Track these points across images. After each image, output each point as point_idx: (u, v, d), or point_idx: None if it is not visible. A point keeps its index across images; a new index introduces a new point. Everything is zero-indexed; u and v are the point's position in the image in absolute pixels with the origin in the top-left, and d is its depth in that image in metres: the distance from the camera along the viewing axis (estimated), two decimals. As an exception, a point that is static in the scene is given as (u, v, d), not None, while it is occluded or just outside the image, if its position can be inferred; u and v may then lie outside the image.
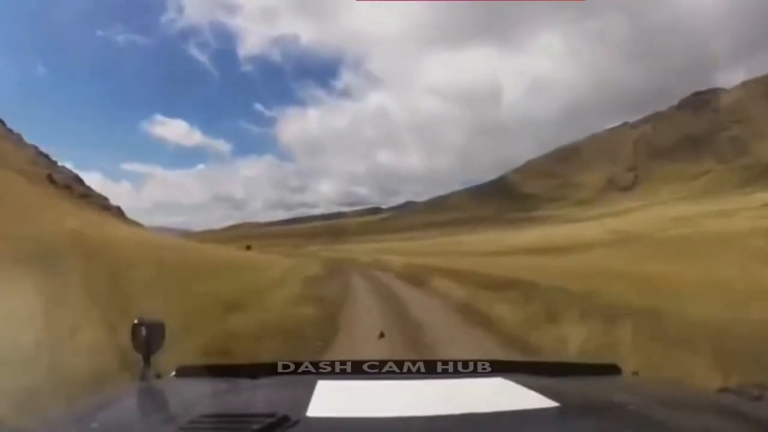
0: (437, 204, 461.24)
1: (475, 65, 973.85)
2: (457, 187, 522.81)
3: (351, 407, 1.58)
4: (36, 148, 70.87)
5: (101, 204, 64.43)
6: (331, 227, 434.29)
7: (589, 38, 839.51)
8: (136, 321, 2.12)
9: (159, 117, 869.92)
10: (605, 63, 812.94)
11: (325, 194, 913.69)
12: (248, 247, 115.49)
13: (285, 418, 1.28)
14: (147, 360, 2.08)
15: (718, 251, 26.89)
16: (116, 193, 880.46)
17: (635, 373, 2.46)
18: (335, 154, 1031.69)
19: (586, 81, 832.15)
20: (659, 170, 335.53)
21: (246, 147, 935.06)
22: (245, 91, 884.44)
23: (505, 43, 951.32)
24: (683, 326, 7.68)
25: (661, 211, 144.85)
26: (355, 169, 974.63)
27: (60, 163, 72.04)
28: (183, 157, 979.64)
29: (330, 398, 1.65)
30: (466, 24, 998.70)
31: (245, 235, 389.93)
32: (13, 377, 4.06)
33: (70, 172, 71.47)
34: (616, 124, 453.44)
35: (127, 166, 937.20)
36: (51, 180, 58.91)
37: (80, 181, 71.31)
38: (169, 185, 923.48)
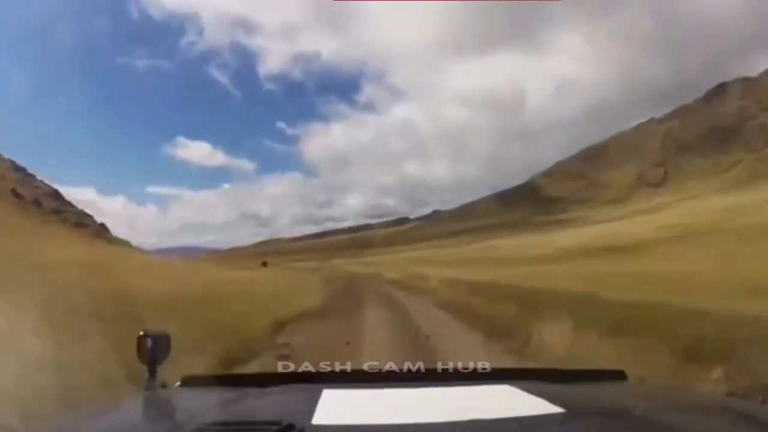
0: (465, 211, 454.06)
1: (499, 71, 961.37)
2: (485, 193, 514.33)
3: (356, 415, 1.60)
4: (13, 162, 65.92)
5: (74, 221, 58.90)
6: (358, 239, 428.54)
7: (610, 35, 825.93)
8: (141, 332, 2.14)
9: (181, 139, 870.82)
10: (628, 59, 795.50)
11: (352, 207, 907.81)
12: (264, 264, 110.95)
13: (290, 427, 1.31)
14: (152, 370, 2.09)
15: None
16: (142, 216, 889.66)
17: (642, 379, 2.63)
18: (361, 167, 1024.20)
19: (610, 79, 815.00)
20: (688, 164, 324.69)
21: (270, 165, 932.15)
22: (267, 109, 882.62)
23: (527, 46, 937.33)
24: None
25: (700, 204, 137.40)
26: (381, 181, 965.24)
27: (48, 180, 67.40)
28: (207, 177, 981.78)
29: (335, 406, 1.66)
30: (487, 30, 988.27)
31: (272, 251, 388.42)
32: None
33: (49, 187, 66.37)
34: (643, 120, 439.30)
35: (152, 189, 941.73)
36: (15, 194, 54.46)
37: (58, 196, 66.03)
38: (195, 206, 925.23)
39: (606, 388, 2.12)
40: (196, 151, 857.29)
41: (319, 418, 1.45)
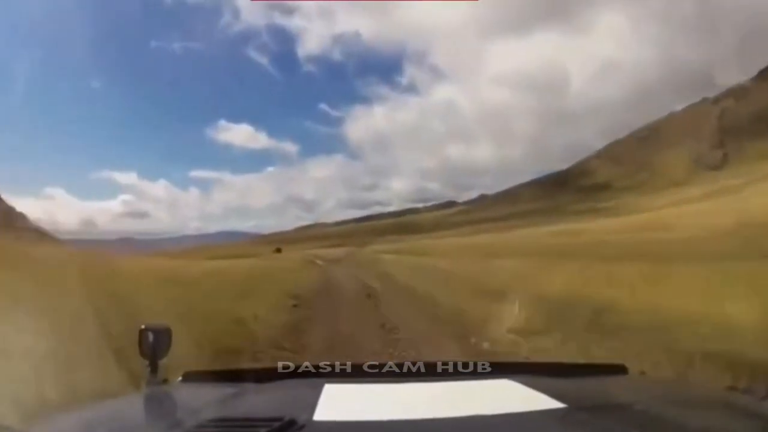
0: (512, 195, 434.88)
1: (540, 51, 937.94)
2: (529, 177, 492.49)
3: (358, 410, 1.59)
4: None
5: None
6: (402, 223, 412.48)
7: (651, 15, 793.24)
8: (143, 326, 2.11)
9: (223, 122, 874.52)
10: (672, 39, 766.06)
11: (397, 191, 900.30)
12: (278, 250, 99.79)
13: (292, 422, 1.31)
14: (154, 366, 2.07)
15: None
16: (185, 200, 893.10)
17: (642, 373, 2.71)
18: (405, 150, 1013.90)
19: (653, 59, 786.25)
20: (749, 145, 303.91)
21: (314, 147, 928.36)
22: (309, 91, 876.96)
23: (568, 26, 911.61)
24: None
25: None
26: (425, 165, 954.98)
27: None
28: (251, 160, 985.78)
29: (337, 401, 1.66)
30: (528, 10, 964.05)
31: (315, 235, 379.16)
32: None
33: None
34: (695, 100, 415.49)
35: (194, 173, 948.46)
36: None
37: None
38: (239, 190, 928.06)
39: (607, 383, 2.10)
40: (239, 134, 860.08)
41: (320, 414, 1.44)
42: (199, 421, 1.38)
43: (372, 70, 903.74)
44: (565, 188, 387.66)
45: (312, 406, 1.50)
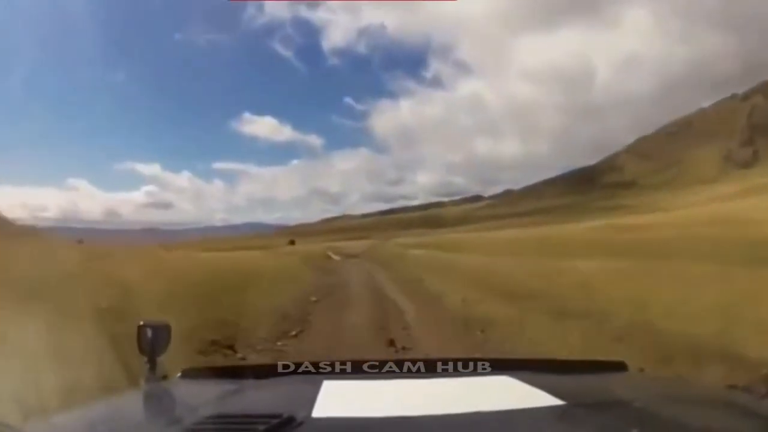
0: (538, 190, 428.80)
1: (566, 45, 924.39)
2: (556, 172, 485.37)
3: (357, 407, 1.58)
4: None
5: None
6: (428, 216, 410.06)
7: (680, 9, 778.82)
8: (141, 323, 2.10)
9: (247, 115, 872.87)
10: (699, 35, 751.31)
11: (422, 185, 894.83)
12: (292, 242, 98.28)
13: (291, 419, 1.30)
14: (152, 362, 2.06)
15: None
16: (209, 192, 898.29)
17: (641, 370, 2.76)
18: (430, 144, 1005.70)
19: (680, 54, 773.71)
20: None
21: (339, 141, 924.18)
22: (333, 84, 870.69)
23: (595, 20, 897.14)
24: None
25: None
26: (451, 159, 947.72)
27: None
28: (275, 153, 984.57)
29: (335, 398, 1.65)
30: (554, 3, 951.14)
31: (339, 227, 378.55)
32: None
33: None
34: (724, 96, 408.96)
35: (218, 165, 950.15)
36: None
37: None
38: (264, 182, 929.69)
39: (606, 380, 2.09)
40: (263, 127, 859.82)
41: (319, 411, 1.44)
42: (198, 417, 1.38)
43: (397, 63, 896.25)
44: (592, 184, 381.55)
45: (311, 403, 1.49)
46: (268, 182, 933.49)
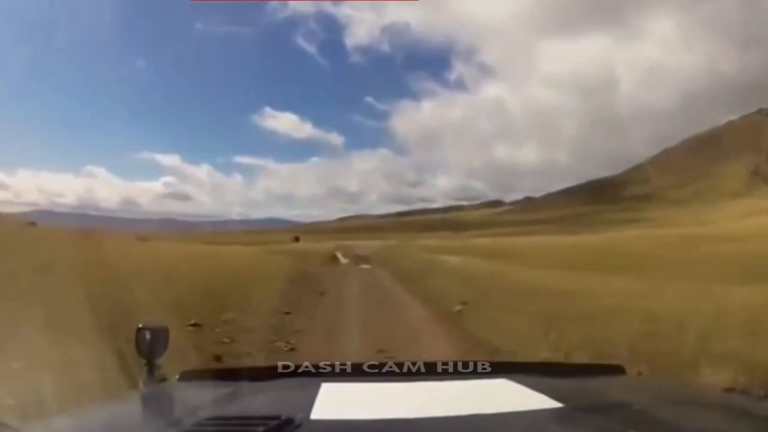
0: (558, 198, 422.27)
1: (590, 54, 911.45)
2: (576, 182, 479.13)
3: (356, 409, 1.58)
4: None
5: None
6: (449, 219, 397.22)
7: (705, 22, 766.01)
8: (140, 326, 2.10)
9: (268, 110, 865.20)
10: (722, 48, 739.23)
11: (441, 188, 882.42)
12: (296, 239, 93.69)
13: (289, 421, 1.30)
14: (151, 364, 2.06)
15: None
16: (228, 185, 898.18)
17: (639, 374, 2.78)
18: (450, 147, 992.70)
19: (703, 67, 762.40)
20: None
21: (359, 140, 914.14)
22: (355, 83, 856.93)
23: (620, 30, 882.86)
24: None
25: None
26: (470, 163, 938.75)
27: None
28: (295, 150, 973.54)
29: (334, 400, 1.65)
30: (580, 11, 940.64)
31: (357, 226, 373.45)
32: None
33: None
34: (746, 112, 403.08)
35: (238, 159, 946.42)
36: None
37: None
38: (283, 178, 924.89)
39: (604, 383, 2.09)
40: (284, 122, 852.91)
41: (317, 413, 1.44)
42: (197, 419, 1.38)
43: (420, 64, 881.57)
44: (615, 195, 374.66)
45: (309, 405, 1.48)
46: (286, 179, 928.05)
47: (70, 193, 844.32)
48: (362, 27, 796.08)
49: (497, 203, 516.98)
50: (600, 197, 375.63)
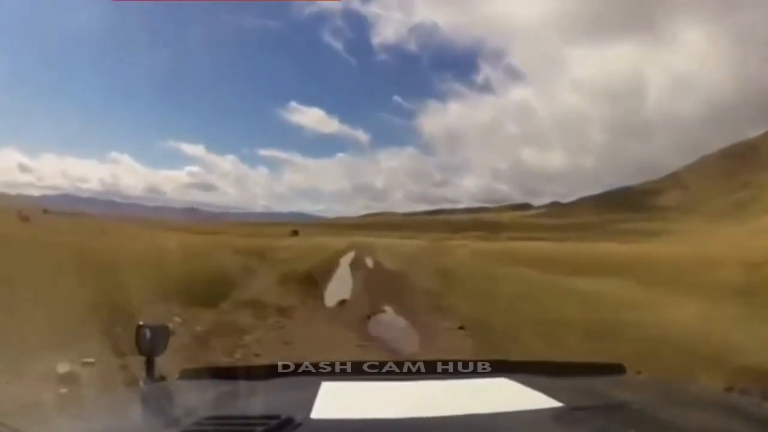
0: (588, 204, 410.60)
1: (618, 60, 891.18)
2: (601, 189, 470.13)
3: (356, 408, 1.58)
4: None
5: None
6: (480, 220, 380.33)
7: (737, 33, 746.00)
8: (140, 323, 2.08)
9: (294, 104, 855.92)
10: (752, 59, 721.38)
11: (467, 190, 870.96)
12: (295, 233, 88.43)
13: (289, 420, 1.30)
14: (151, 363, 2.03)
15: None
16: (253, 178, 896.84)
17: (639, 373, 2.61)
18: (477, 149, 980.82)
19: (728, 80, 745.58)
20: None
21: (386, 138, 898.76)
22: (382, 81, 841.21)
23: (649, 38, 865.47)
24: None
25: None
26: (497, 166, 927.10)
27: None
28: (321, 145, 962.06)
29: (334, 400, 1.65)
30: (608, 16, 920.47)
31: (383, 223, 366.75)
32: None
33: None
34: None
35: (263, 152, 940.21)
36: None
37: None
38: (309, 172, 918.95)
39: (604, 382, 2.07)
40: (310, 117, 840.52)
41: (317, 412, 1.44)
42: (197, 418, 1.37)
43: (448, 65, 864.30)
44: (645, 203, 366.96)
45: (309, 404, 1.48)
46: (312, 173, 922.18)
47: (94, 179, 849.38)
48: (390, 26, 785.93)
49: (526, 206, 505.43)
50: (628, 205, 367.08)
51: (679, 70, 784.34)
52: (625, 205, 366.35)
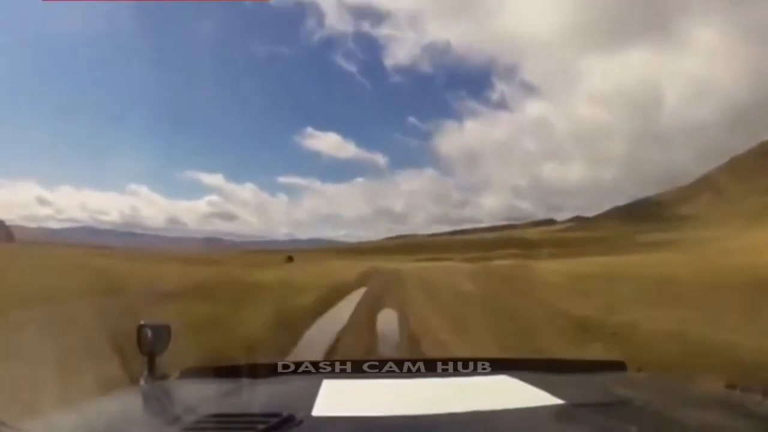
0: (613, 216, 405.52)
1: (634, 69, 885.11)
2: (625, 200, 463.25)
3: (357, 406, 1.60)
4: None
5: None
6: (507, 237, 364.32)
7: (745, 35, 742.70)
8: (141, 322, 2.09)
9: (310, 130, 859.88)
10: (764, 63, 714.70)
11: (488, 209, 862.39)
12: (290, 258, 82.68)
13: (290, 418, 1.31)
14: (152, 361, 2.06)
15: None
16: (273, 205, 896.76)
17: (640, 370, 2.52)
18: (495, 167, 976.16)
19: (745, 83, 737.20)
20: None
21: (403, 160, 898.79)
22: (397, 103, 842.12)
23: (663, 44, 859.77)
24: None
25: None
26: (516, 183, 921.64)
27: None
28: (339, 170, 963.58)
29: (336, 397, 1.68)
30: (622, 26, 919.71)
31: (406, 245, 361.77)
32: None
33: None
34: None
35: (283, 179, 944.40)
36: None
37: None
38: (329, 198, 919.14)
39: (606, 379, 2.07)
40: (327, 143, 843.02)
41: (319, 409, 1.45)
42: (198, 416, 1.39)
43: (462, 83, 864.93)
44: (667, 213, 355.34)
45: (310, 402, 1.50)
46: (332, 199, 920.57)
47: (113, 211, 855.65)
48: (403, 46, 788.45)
49: (550, 222, 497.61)
50: (651, 215, 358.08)
51: (696, 75, 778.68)
52: (652, 215, 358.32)
